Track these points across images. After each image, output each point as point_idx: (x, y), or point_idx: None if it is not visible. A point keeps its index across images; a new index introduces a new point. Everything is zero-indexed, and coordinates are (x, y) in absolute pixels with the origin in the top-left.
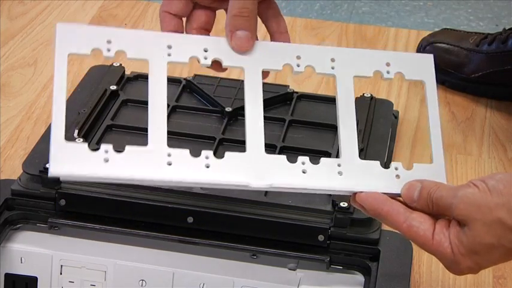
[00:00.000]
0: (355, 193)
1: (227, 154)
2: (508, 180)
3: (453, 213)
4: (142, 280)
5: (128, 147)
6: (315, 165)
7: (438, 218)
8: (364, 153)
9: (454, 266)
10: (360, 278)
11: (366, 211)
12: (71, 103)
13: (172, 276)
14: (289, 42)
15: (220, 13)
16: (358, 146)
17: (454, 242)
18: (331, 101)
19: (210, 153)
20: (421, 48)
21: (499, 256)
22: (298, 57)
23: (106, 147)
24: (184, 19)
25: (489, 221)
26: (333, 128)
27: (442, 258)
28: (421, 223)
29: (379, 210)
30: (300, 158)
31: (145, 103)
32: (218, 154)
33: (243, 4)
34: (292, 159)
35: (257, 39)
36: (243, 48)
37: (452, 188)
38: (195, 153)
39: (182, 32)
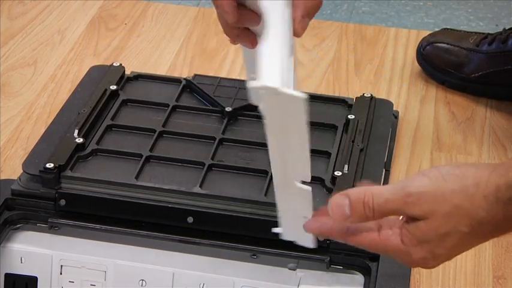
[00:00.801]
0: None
1: None
2: (465, 166)
3: (407, 212)
4: (143, 280)
5: None
6: None
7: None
8: (364, 153)
9: (405, 258)
10: (360, 278)
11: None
12: (71, 103)
13: (172, 276)
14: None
15: None
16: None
17: (405, 234)
18: (331, 101)
19: None
20: (421, 48)
21: (455, 242)
22: None
23: None
24: None
25: (446, 211)
26: (333, 128)
27: (393, 251)
28: (364, 225)
29: (325, 235)
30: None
31: (146, 103)
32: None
33: None
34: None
35: None
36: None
37: (395, 188)
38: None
39: None
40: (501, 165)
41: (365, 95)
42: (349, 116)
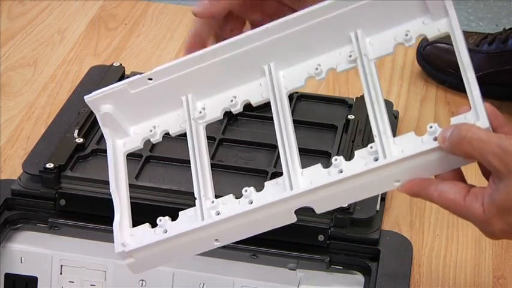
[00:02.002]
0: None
1: (266, 183)
2: None
3: (491, 161)
4: (142, 280)
5: (180, 213)
6: (349, 162)
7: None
8: None
9: (486, 229)
10: (360, 278)
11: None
12: (71, 103)
13: (172, 276)
14: None
15: None
16: (378, 130)
17: (487, 201)
18: (331, 101)
19: (251, 189)
20: (421, 48)
21: None
22: (318, 67)
23: (162, 222)
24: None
25: None
26: (333, 128)
27: (474, 220)
28: (451, 187)
29: (416, 193)
30: (334, 159)
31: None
32: (257, 187)
33: None
34: (325, 164)
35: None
36: (197, 13)
37: (494, 136)
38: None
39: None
40: None
41: None
42: (349, 116)
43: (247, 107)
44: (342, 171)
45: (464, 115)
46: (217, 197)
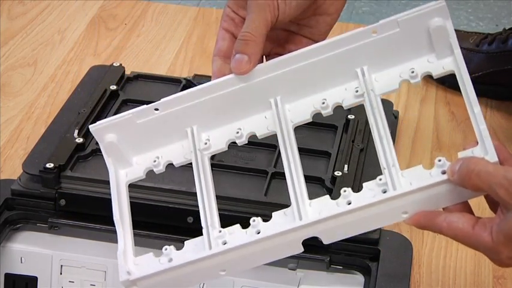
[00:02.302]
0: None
1: (274, 214)
2: None
3: (498, 193)
4: None
5: (186, 242)
6: (357, 193)
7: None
8: (364, 153)
9: (495, 257)
10: (360, 278)
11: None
12: (71, 103)
13: None
14: None
15: None
16: (387, 163)
17: (495, 229)
18: None
19: (259, 219)
20: None
21: None
22: (324, 101)
23: (168, 251)
24: None
25: None
26: (333, 128)
27: (483, 249)
28: (459, 218)
29: (424, 225)
30: (343, 191)
31: (146, 103)
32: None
33: (248, 28)
34: (335, 196)
35: (262, 61)
36: (239, 71)
37: (501, 167)
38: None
39: None
40: None
41: None
42: (349, 116)
43: None
44: (350, 203)
45: (471, 149)
46: (218, 197)
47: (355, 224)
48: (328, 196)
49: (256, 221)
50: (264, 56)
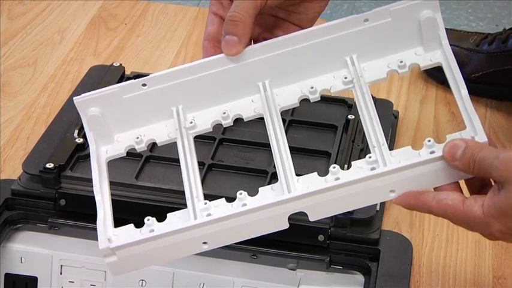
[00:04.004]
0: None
1: (260, 189)
2: None
3: (493, 174)
4: (142, 280)
5: (168, 214)
6: (346, 171)
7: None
8: (364, 153)
9: (485, 230)
10: (360, 278)
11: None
12: (71, 103)
13: (172, 276)
14: None
15: None
16: (377, 142)
17: (487, 203)
18: (331, 101)
19: (245, 193)
20: None
21: None
22: (312, 87)
23: (150, 222)
24: None
25: None
26: (333, 128)
27: (473, 222)
28: (448, 194)
29: (412, 204)
30: (332, 167)
31: None
32: (251, 191)
33: (236, 9)
34: (321, 173)
35: (250, 44)
36: (229, 52)
37: (496, 150)
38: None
39: None
40: None
41: None
42: (349, 116)
43: None
44: (338, 179)
45: (460, 132)
46: (214, 197)
47: (343, 200)
48: (316, 173)
49: (242, 194)
50: (252, 41)
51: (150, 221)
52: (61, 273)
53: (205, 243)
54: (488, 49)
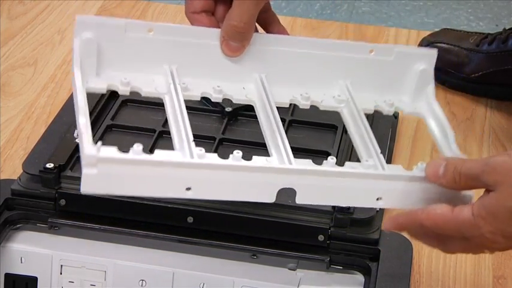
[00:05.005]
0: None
1: (254, 157)
2: None
3: (483, 179)
4: (143, 280)
5: (156, 150)
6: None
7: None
8: None
9: (475, 232)
10: (360, 278)
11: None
12: (71, 103)
13: (172, 276)
14: None
15: None
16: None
17: (477, 205)
18: None
19: (240, 153)
20: None
21: None
22: (304, 95)
23: (136, 148)
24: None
25: None
26: (333, 128)
27: (464, 227)
28: (436, 205)
29: (402, 223)
30: (331, 158)
31: (146, 103)
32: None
33: (242, 18)
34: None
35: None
36: (232, 55)
37: (481, 159)
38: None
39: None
40: None
41: None
42: None
43: (248, 107)
44: (331, 167)
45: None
46: None
47: (331, 191)
48: (310, 160)
49: (238, 154)
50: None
51: (136, 146)
52: (61, 273)
53: (189, 189)
54: (488, 49)
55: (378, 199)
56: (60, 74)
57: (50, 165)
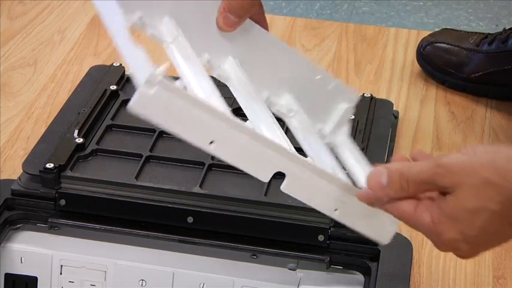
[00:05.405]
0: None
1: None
2: (500, 145)
3: (437, 182)
4: (143, 280)
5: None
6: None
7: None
8: (364, 153)
9: (436, 239)
10: (360, 278)
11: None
12: (71, 103)
13: (172, 276)
14: None
15: None
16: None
17: (435, 210)
18: None
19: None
20: (421, 48)
21: (485, 221)
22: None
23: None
24: None
25: (475, 183)
26: None
27: (424, 231)
28: (403, 201)
29: (370, 199)
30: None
31: None
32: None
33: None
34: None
35: None
36: (227, 29)
37: (430, 161)
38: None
39: None
40: None
41: (365, 95)
42: None
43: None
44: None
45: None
46: (214, 197)
47: (310, 185)
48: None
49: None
50: None
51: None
52: (61, 273)
53: (212, 142)
54: (488, 49)
55: (335, 210)
56: (60, 74)
57: (50, 165)
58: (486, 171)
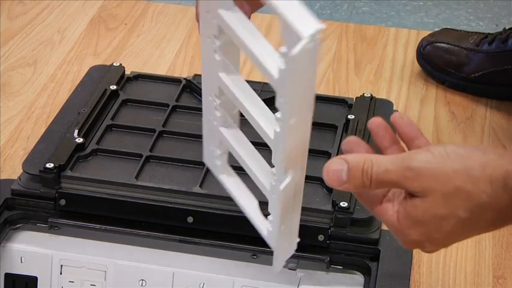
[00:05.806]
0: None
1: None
2: (471, 147)
3: (406, 186)
4: (143, 280)
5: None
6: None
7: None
8: None
9: (401, 238)
10: (360, 278)
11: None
12: (71, 103)
13: (172, 276)
14: None
15: None
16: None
17: (401, 211)
18: (331, 100)
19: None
20: (421, 48)
21: (452, 227)
22: None
23: None
24: None
25: (447, 190)
26: (333, 128)
27: (389, 227)
28: (373, 191)
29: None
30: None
31: (146, 103)
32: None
33: None
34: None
35: None
36: None
37: (397, 158)
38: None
39: None
40: (511, 151)
41: (365, 95)
42: (349, 116)
43: None
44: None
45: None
46: (214, 197)
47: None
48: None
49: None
50: None
51: None
52: (61, 273)
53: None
54: (488, 49)
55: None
56: (60, 74)
57: (50, 165)
58: (459, 179)
